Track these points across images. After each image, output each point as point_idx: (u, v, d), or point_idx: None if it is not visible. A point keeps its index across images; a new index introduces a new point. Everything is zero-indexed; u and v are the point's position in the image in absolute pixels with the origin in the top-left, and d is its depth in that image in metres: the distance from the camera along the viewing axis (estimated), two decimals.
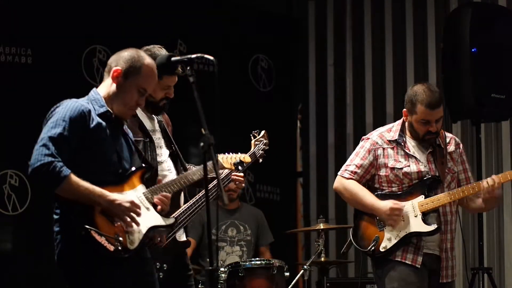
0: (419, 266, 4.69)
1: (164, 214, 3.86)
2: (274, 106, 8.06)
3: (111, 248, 3.54)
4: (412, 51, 7.51)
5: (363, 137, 4.97)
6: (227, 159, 4.36)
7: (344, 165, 4.94)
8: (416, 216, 4.71)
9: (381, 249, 4.74)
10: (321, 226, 6.08)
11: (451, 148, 4.86)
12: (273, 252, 6.91)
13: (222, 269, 5.81)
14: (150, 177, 3.99)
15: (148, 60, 3.79)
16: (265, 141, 4.81)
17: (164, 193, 3.86)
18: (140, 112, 4.37)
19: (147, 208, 3.75)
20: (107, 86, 3.79)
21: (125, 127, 3.89)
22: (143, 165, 3.85)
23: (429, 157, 4.81)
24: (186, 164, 4.52)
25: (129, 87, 3.74)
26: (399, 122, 4.88)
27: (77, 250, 3.57)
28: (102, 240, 3.52)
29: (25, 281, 6.49)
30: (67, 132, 3.57)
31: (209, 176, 3.60)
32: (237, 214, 6.86)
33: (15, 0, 6.67)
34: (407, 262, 4.70)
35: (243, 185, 4.63)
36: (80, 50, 6.95)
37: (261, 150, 4.76)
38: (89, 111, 3.66)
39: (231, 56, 7.62)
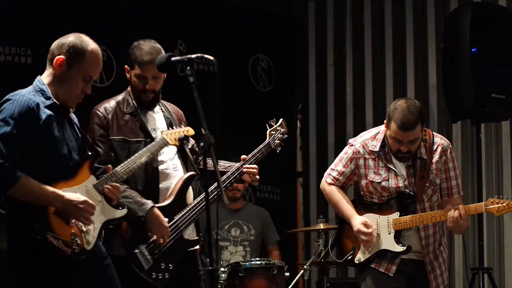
0: (392, 275, 4.71)
1: (114, 204, 3.82)
2: (274, 106, 8.05)
3: (69, 251, 3.51)
4: (412, 51, 7.51)
5: (350, 140, 4.99)
6: (171, 135, 4.26)
7: (329, 168, 4.99)
8: (389, 234, 4.74)
9: (356, 261, 4.81)
10: (321, 226, 6.09)
11: (435, 157, 4.77)
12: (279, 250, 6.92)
13: (222, 269, 5.81)
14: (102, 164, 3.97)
15: (92, 45, 3.74)
16: (282, 130, 4.78)
17: (114, 184, 3.80)
18: (144, 110, 4.38)
19: (99, 201, 3.71)
20: (51, 75, 3.72)
21: (71, 114, 3.82)
22: (89, 153, 3.79)
23: (409, 170, 4.76)
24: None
25: (74, 75, 3.69)
26: (382, 132, 4.82)
27: (32, 254, 3.50)
28: (59, 243, 3.49)
29: None
30: (16, 129, 3.49)
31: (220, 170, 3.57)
32: (241, 214, 6.85)
33: (15, 0, 6.67)
34: (380, 270, 4.73)
35: (258, 177, 4.55)
36: None
37: (278, 140, 4.73)
38: (37, 104, 3.58)
39: (231, 56, 7.62)
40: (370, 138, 4.86)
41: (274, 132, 4.75)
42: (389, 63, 7.68)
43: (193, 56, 3.60)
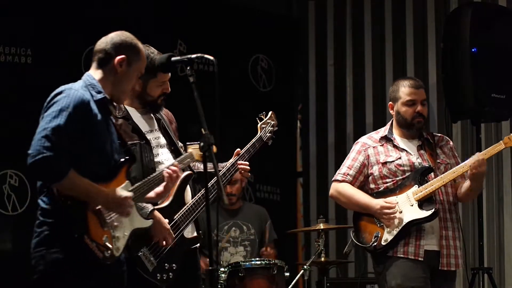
0: (422, 259, 4.74)
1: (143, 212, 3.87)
2: (274, 106, 8.03)
3: (100, 255, 3.53)
4: (412, 51, 7.51)
5: (355, 142, 5.10)
6: (197, 150, 4.27)
7: (338, 170, 5.06)
8: (412, 206, 4.78)
9: (383, 243, 4.80)
10: (321, 226, 6.08)
11: (440, 143, 5.01)
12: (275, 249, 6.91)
13: (222, 269, 5.81)
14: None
15: (140, 44, 3.80)
16: (273, 122, 4.80)
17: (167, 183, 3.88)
18: (136, 114, 4.35)
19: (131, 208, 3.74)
20: (105, 73, 3.73)
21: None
22: (127, 157, 3.80)
23: (419, 149, 4.92)
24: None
25: (132, 73, 3.74)
26: (388, 124, 5.03)
27: (67, 251, 3.52)
28: (92, 246, 3.50)
29: (25, 281, 6.48)
30: (69, 123, 3.50)
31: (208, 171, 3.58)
32: (240, 215, 6.85)
33: (15, 0, 6.67)
34: (409, 257, 4.75)
35: (249, 174, 4.59)
36: (80, 50, 6.94)
37: (269, 133, 4.75)
38: (89, 101, 3.61)
39: (231, 56, 7.61)
40: (374, 133, 5.08)
41: (264, 126, 4.77)
42: (389, 63, 7.68)
43: (193, 56, 3.60)
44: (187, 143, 4.32)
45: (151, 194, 3.93)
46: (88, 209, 3.53)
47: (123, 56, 3.71)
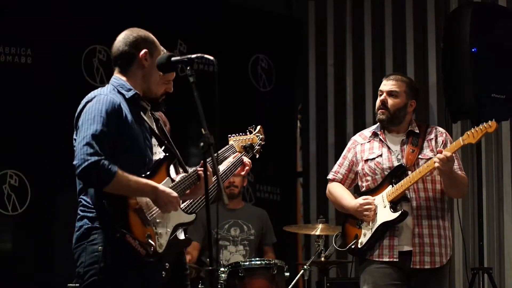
0: (396, 259, 4.74)
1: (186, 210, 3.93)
2: (274, 106, 8.06)
3: (143, 252, 3.57)
4: (412, 51, 7.51)
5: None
6: (238, 142, 4.38)
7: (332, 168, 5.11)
8: (385, 207, 4.80)
9: (359, 246, 4.84)
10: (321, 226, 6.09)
11: (430, 136, 4.93)
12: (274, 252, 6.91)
13: (222, 269, 5.81)
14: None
15: (150, 34, 3.87)
16: (261, 136, 4.83)
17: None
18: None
19: None
20: (132, 72, 3.78)
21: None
22: (167, 154, 3.86)
23: (402, 143, 4.90)
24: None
25: (155, 63, 3.78)
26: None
27: (108, 246, 3.56)
28: (135, 244, 3.54)
29: (25, 281, 6.49)
30: (106, 127, 3.56)
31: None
32: (241, 214, 6.85)
33: (15, 0, 6.67)
34: (384, 259, 4.76)
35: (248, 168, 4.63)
36: (80, 50, 6.95)
37: (257, 146, 4.78)
38: (119, 103, 3.66)
39: (231, 56, 7.62)
40: (367, 129, 5.12)
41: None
42: (389, 63, 7.68)
43: (193, 56, 3.61)
44: (229, 135, 4.36)
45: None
46: (129, 208, 3.57)
47: (144, 50, 3.77)
